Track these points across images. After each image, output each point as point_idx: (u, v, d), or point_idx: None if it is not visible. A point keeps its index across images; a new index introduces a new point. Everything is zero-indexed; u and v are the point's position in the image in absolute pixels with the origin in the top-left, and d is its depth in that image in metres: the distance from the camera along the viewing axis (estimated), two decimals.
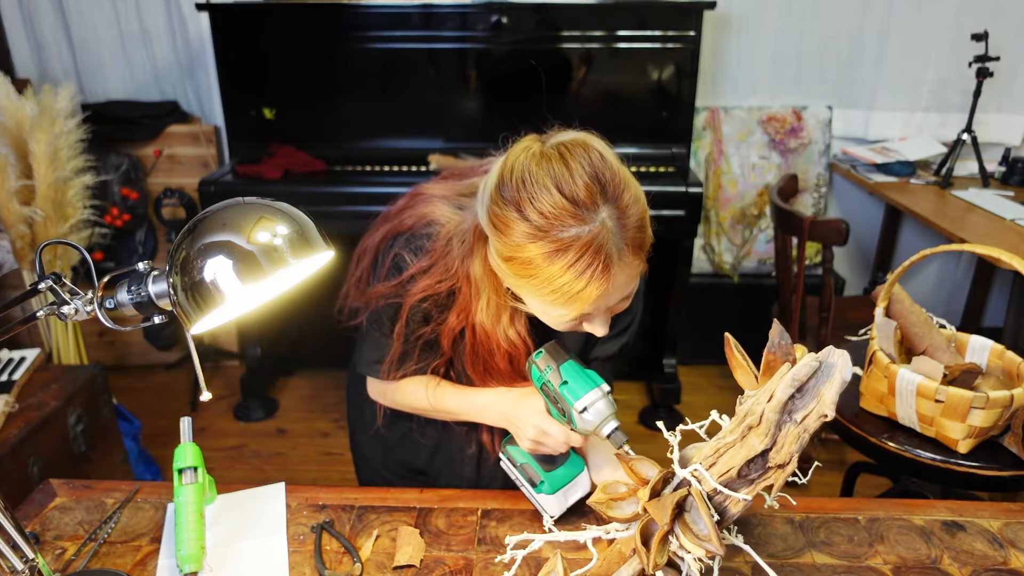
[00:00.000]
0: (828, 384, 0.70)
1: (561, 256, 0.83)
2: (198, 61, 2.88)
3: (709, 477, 0.76)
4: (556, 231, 0.83)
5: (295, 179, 2.56)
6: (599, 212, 0.84)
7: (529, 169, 0.86)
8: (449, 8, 2.51)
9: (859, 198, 3.03)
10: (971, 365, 1.23)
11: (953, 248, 1.27)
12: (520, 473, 1.05)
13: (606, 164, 0.86)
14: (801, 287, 2.17)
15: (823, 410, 0.69)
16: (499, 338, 1.03)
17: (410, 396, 1.13)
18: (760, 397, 0.73)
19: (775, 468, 0.74)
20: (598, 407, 0.93)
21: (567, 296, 0.85)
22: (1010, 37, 2.67)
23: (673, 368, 2.79)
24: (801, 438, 0.71)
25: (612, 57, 2.58)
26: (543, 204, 0.84)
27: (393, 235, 1.05)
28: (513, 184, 0.86)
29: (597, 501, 0.84)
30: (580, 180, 0.84)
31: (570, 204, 0.83)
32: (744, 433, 0.74)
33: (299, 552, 0.98)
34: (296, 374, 3.12)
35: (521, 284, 0.89)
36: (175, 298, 0.71)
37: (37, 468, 1.67)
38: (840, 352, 0.70)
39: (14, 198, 2.24)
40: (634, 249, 0.88)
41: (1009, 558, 0.97)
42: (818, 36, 2.79)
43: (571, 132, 0.93)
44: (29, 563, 0.83)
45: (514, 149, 0.90)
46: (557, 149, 0.87)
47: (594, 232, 0.83)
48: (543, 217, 0.84)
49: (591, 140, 0.90)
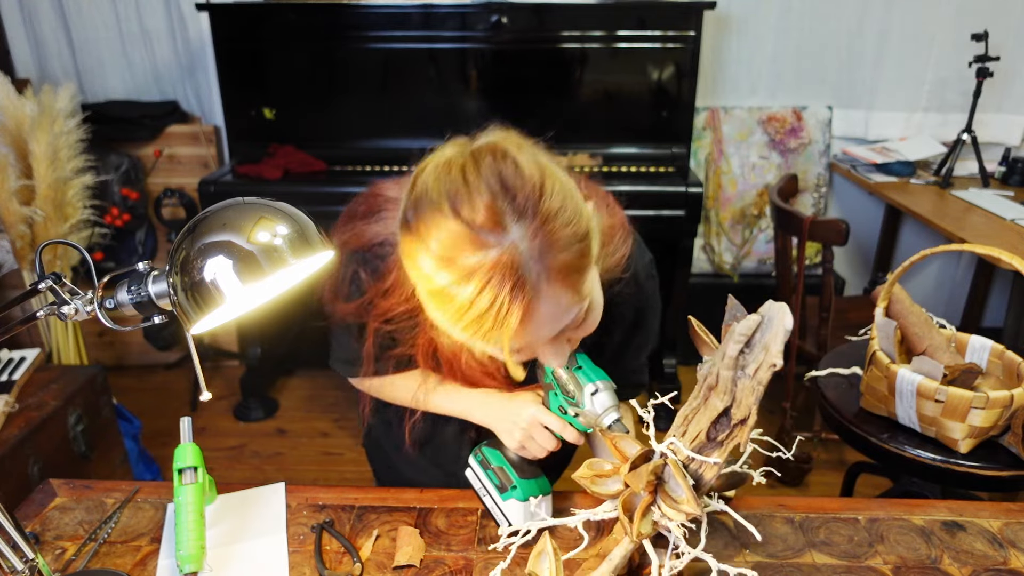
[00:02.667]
0: (772, 335, 0.74)
1: (464, 286, 0.72)
2: (198, 61, 2.88)
3: (683, 447, 0.80)
4: (457, 259, 0.72)
5: (295, 179, 2.56)
6: (507, 234, 0.72)
7: (427, 187, 0.75)
8: (449, 8, 2.51)
9: (859, 198, 3.03)
10: (971, 365, 1.23)
11: (953, 248, 1.27)
12: (491, 477, 1.02)
13: (519, 173, 0.74)
14: (801, 287, 2.17)
15: (772, 360, 0.74)
16: (465, 357, 0.96)
17: (397, 391, 1.10)
18: (715, 359, 0.78)
19: (739, 424, 0.78)
20: (607, 394, 0.94)
21: (481, 329, 0.74)
22: (1010, 37, 2.67)
23: (673, 368, 2.79)
24: (756, 391, 0.76)
25: (612, 57, 2.58)
26: (439, 230, 0.73)
27: (351, 250, 0.98)
28: (412, 206, 0.77)
29: (582, 476, 0.85)
30: (478, 198, 0.72)
31: (467, 228, 0.72)
32: (706, 396, 0.79)
33: (299, 552, 0.98)
34: (296, 374, 3.12)
35: (436, 316, 0.78)
36: (175, 298, 0.71)
37: (37, 468, 1.67)
38: (779, 304, 0.75)
39: (14, 198, 2.24)
40: (561, 274, 0.74)
41: (1009, 558, 0.97)
42: (818, 36, 2.79)
43: (493, 133, 0.81)
44: (29, 563, 0.83)
45: (428, 158, 0.80)
46: (463, 159, 0.76)
47: (499, 257, 0.71)
48: (441, 245, 0.73)
49: (507, 143, 0.77)
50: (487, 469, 1.04)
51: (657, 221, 2.47)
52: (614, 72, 2.60)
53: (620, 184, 2.47)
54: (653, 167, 2.63)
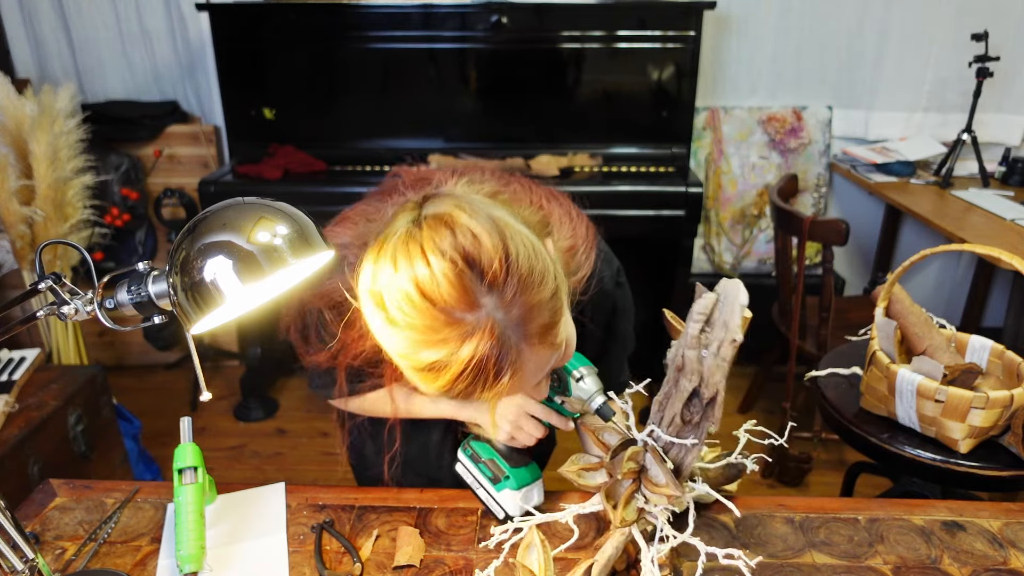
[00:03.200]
0: (730, 312, 0.77)
1: (448, 366, 0.71)
2: (198, 61, 2.88)
3: (663, 433, 0.82)
4: (436, 341, 0.71)
5: (295, 179, 2.56)
6: (480, 308, 0.71)
7: (389, 268, 0.72)
8: (449, 8, 2.51)
9: (859, 198, 3.03)
10: (971, 365, 1.23)
11: (953, 248, 1.27)
12: (482, 470, 1.04)
13: (480, 245, 0.71)
14: (801, 287, 2.17)
15: (732, 336, 0.77)
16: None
17: (376, 406, 1.11)
18: (680, 343, 0.81)
19: (707, 402, 0.81)
20: (593, 378, 0.96)
21: (471, 398, 0.76)
22: (1010, 37, 2.67)
23: None
24: (721, 367, 0.79)
25: (612, 57, 2.58)
26: (413, 316, 0.71)
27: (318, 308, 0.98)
28: (373, 279, 0.74)
29: (568, 471, 0.86)
30: (443, 278, 0.69)
31: (439, 311, 0.70)
32: (675, 379, 0.82)
33: (299, 552, 0.98)
34: (296, 374, 3.12)
35: (421, 387, 0.77)
36: (175, 298, 0.71)
37: (37, 468, 1.67)
38: (733, 281, 0.79)
39: (14, 198, 2.24)
40: (540, 336, 0.74)
41: (1009, 558, 0.97)
42: (818, 36, 2.79)
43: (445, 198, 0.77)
44: (29, 563, 0.83)
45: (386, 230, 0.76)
46: (420, 234, 0.72)
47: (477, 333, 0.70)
48: (417, 330, 0.71)
49: (461, 211, 0.73)
50: (478, 463, 1.05)
51: (657, 221, 2.47)
52: (614, 72, 2.60)
53: (620, 184, 2.47)
54: (653, 167, 2.63)
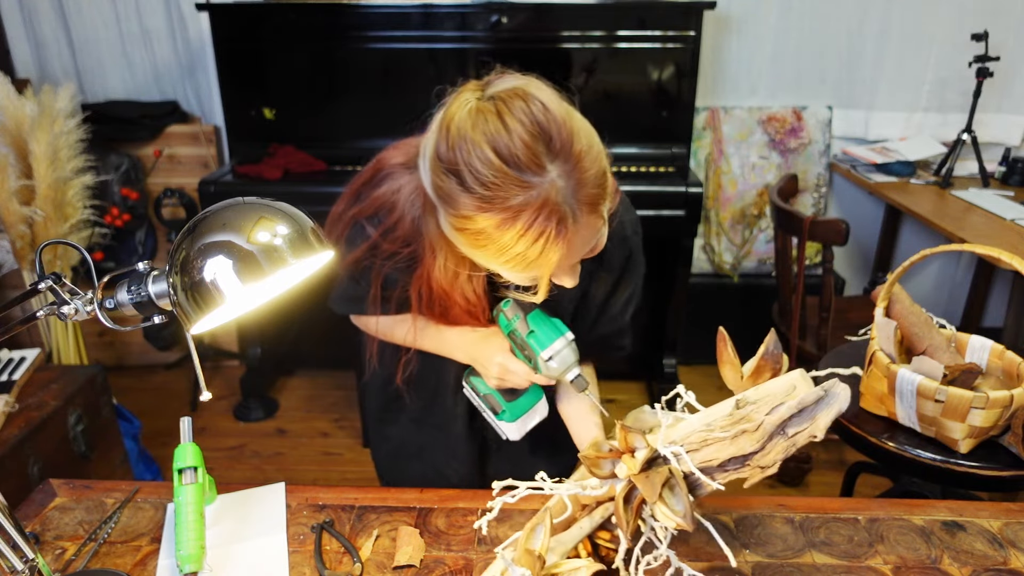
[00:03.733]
0: (826, 411, 0.77)
1: (510, 225, 0.78)
2: (198, 61, 2.88)
3: (689, 462, 0.82)
4: (501, 200, 0.78)
5: (295, 179, 2.56)
6: (546, 173, 0.78)
7: (463, 131, 0.79)
8: (449, 8, 2.51)
9: (859, 198, 3.03)
10: (971, 365, 1.23)
11: (953, 248, 1.27)
12: (483, 402, 1.11)
13: (550, 115, 0.79)
14: (801, 287, 2.17)
15: (815, 431, 0.77)
16: (456, 296, 1.02)
17: (395, 328, 1.14)
18: (760, 407, 0.80)
19: (756, 467, 0.81)
20: (563, 355, 1.00)
21: (524, 263, 0.82)
22: (1010, 37, 2.67)
23: (673, 368, 2.78)
24: (788, 450, 0.79)
25: (612, 57, 2.58)
26: (483, 171, 0.77)
27: (356, 220, 1.05)
28: (449, 149, 0.80)
29: (587, 456, 0.87)
30: (519, 139, 0.77)
31: (511, 169, 0.77)
32: (737, 434, 0.80)
33: (299, 552, 0.98)
34: (296, 374, 3.12)
35: (475, 253, 0.85)
36: (175, 298, 0.71)
37: (37, 468, 1.67)
38: (843, 386, 0.78)
39: (14, 198, 2.24)
40: (591, 206, 0.82)
41: (1009, 558, 0.97)
42: (818, 36, 2.79)
43: (511, 78, 0.84)
44: (29, 563, 0.83)
45: (451, 104, 0.82)
46: (494, 104, 0.79)
47: (542, 196, 0.77)
48: (484, 187, 0.78)
49: (531, 88, 0.81)
50: (479, 396, 1.11)
51: (657, 221, 2.47)
52: (614, 72, 2.60)
53: (620, 184, 2.45)
54: (653, 167, 2.63)
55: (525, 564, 0.82)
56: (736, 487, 1.06)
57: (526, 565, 0.82)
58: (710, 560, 0.96)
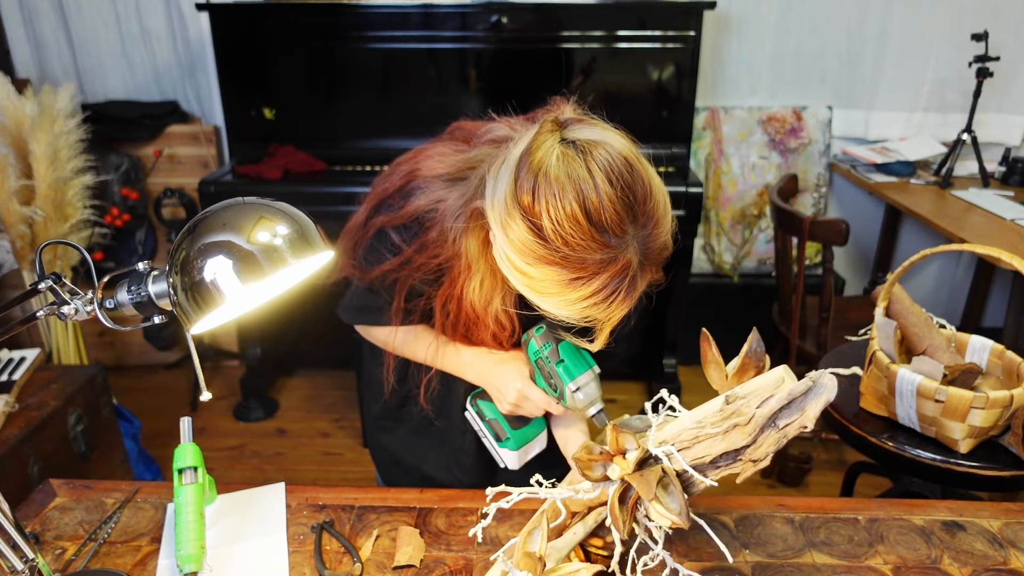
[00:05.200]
0: (815, 402, 0.79)
1: (583, 284, 0.77)
2: (198, 61, 2.88)
3: (681, 460, 0.83)
4: (579, 261, 0.76)
5: (295, 179, 2.56)
6: (627, 236, 0.77)
7: (552, 181, 0.75)
8: (449, 8, 2.51)
9: (859, 198, 3.03)
10: (971, 365, 1.23)
11: (953, 248, 1.27)
12: (487, 427, 1.09)
13: (635, 177, 0.77)
14: (801, 287, 2.17)
15: (804, 422, 0.79)
16: (487, 318, 0.99)
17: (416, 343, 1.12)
18: (750, 401, 0.82)
19: (748, 461, 0.83)
20: (589, 389, 0.99)
21: (582, 316, 0.81)
22: (1010, 37, 2.67)
23: (673, 368, 2.79)
24: (780, 442, 0.81)
25: (612, 57, 2.58)
26: (567, 229, 0.74)
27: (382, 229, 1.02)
28: (532, 195, 0.76)
29: (579, 459, 0.87)
30: (608, 201, 0.74)
31: (597, 231, 0.75)
32: (729, 429, 0.82)
33: (299, 552, 0.98)
34: (296, 374, 3.12)
35: (532, 296, 0.83)
36: (175, 298, 0.71)
37: (37, 468, 1.67)
38: (830, 376, 0.80)
39: (14, 198, 2.24)
40: (658, 266, 0.82)
41: (1009, 558, 0.97)
42: (818, 36, 2.79)
43: (592, 127, 0.82)
44: (29, 563, 0.83)
45: (535, 145, 0.78)
46: (583, 158, 0.76)
47: (621, 260, 0.76)
48: (566, 245, 0.75)
49: (616, 143, 0.79)
50: (483, 420, 1.09)
51: None
52: (614, 72, 2.60)
53: None
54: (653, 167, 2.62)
55: (526, 567, 0.82)
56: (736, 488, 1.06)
57: (527, 568, 0.82)
58: (710, 560, 0.96)
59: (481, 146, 0.98)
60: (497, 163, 0.85)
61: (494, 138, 0.96)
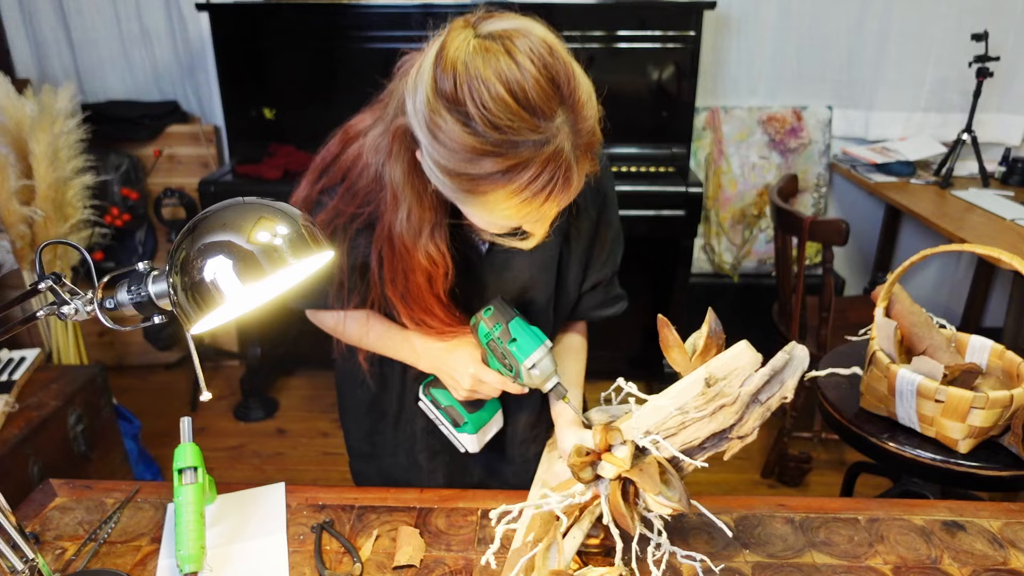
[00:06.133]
0: (792, 373, 0.84)
1: (519, 173, 0.75)
2: (198, 61, 2.88)
3: (669, 446, 0.86)
4: (511, 144, 0.73)
5: (295, 179, 2.55)
6: (555, 118, 0.75)
7: (471, 68, 0.73)
8: (449, 8, 2.51)
9: (859, 198, 3.03)
10: (971, 365, 1.23)
11: (953, 248, 1.27)
12: (443, 415, 1.10)
13: (556, 58, 0.75)
14: (801, 287, 2.17)
15: (785, 393, 0.84)
16: (419, 254, 0.94)
17: (356, 327, 1.10)
18: (731, 381, 0.85)
19: (735, 439, 0.86)
20: (544, 364, 0.99)
21: (520, 214, 0.79)
22: (1010, 37, 2.67)
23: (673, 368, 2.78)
24: (764, 415, 0.85)
25: (612, 57, 2.58)
26: (496, 112, 0.72)
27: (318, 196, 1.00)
28: (453, 85, 0.74)
29: (574, 464, 0.88)
30: (532, 80, 0.73)
31: (526, 111, 0.73)
32: (715, 410, 0.85)
33: (299, 552, 0.98)
34: (296, 374, 3.12)
35: (467, 199, 0.80)
36: (175, 298, 0.71)
37: (37, 468, 1.67)
38: (801, 347, 0.85)
39: (14, 198, 2.24)
40: (588, 153, 0.80)
41: (1009, 558, 0.97)
42: (818, 36, 2.79)
43: (507, 17, 0.79)
44: (29, 563, 0.83)
45: (449, 40, 0.76)
46: (500, 43, 0.74)
47: (553, 144, 0.74)
48: (497, 129, 0.73)
49: (533, 28, 0.78)
50: (439, 408, 1.10)
51: (657, 221, 2.47)
52: (614, 72, 2.60)
53: (620, 184, 2.47)
54: (653, 167, 2.63)
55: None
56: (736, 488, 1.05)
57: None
58: (710, 560, 0.96)
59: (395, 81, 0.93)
60: (411, 77, 0.81)
61: (406, 69, 0.90)
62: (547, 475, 1.10)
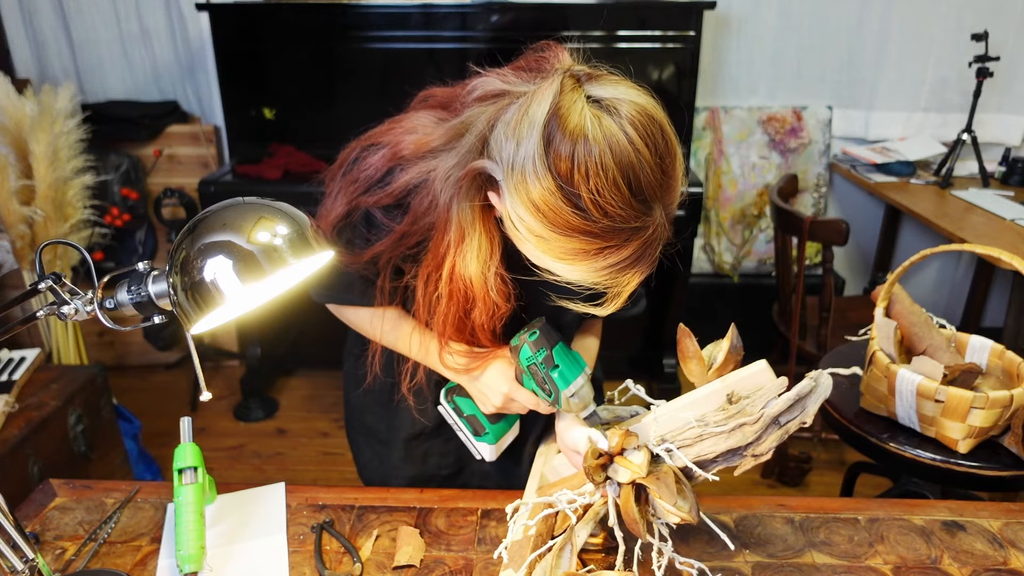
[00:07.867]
0: (815, 400, 0.85)
1: (614, 253, 0.74)
2: (198, 61, 2.88)
3: (683, 457, 0.86)
4: (614, 230, 0.73)
5: (295, 179, 2.56)
6: (655, 209, 0.75)
7: (592, 147, 0.70)
8: (449, 8, 2.51)
9: (859, 198, 3.03)
10: (971, 365, 1.23)
11: (953, 248, 1.27)
12: (464, 423, 1.09)
13: (667, 139, 0.74)
14: (801, 287, 2.17)
15: (805, 419, 0.85)
16: (482, 289, 0.91)
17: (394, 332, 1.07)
18: (755, 401, 0.86)
19: (751, 457, 0.87)
20: (583, 392, 0.99)
21: (604, 283, 0.79)
22: (1010, 37, 2.67)
23: (673, 368, 2.79)
24: (781, 438, 0.86)
25: (612, 57, 2.56)
26: (607, 199, 0.71)
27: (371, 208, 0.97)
28: (571, 163, 0.71)
29: (589, 467, 0.88)
30: (648, 170, 0.72)
31: (636, 200, 0.72)
32: (735, 428, 0.85)
33: (299, 552, 0.98)
34: (296, 374, 3.12)
35: (550, 262, 0.78)
36: (175, 298, 0.71)
37: (37, 468, 1.67)
38: (827, 375, 0.86)
39: (14, 198, 2.24)
40: (670, 224, 0.79)
41: (1009, 558, 0.97)
42: (818, 36, 2.79)
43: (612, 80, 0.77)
44: (29, 563, 0.83)
45: (563, 104, 0.73)
46: (617, 121, 0.72)
47: (652, 228, 0.75)
48: (604, 215, 0.72)
49: (639, 99, 0.75)
50: (460, 416, 1.09)
51: None
52: (614, 72, 2.60)
53: None
54: None
55: None
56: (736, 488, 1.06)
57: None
58: (710, 560, 0.96)
59: (471, 106, 0.92)
60: (509, 121, 0.78)
61: (485, 94, 0.89)
62: (545, 468, 1.10)
